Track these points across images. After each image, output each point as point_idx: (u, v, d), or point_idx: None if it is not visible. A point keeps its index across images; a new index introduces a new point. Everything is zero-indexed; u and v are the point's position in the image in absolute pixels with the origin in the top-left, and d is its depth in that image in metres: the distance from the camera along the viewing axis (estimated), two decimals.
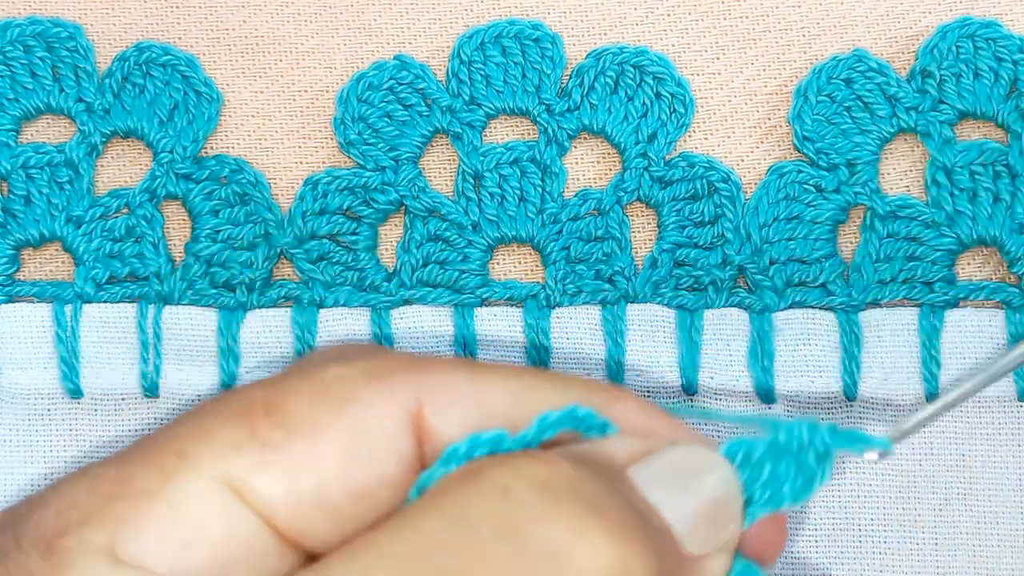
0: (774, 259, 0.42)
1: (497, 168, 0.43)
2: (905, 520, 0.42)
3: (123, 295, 0.42)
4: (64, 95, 0.43)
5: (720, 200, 0.43)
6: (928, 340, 0.42)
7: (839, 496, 0.42)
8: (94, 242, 0.43)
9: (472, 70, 0.43)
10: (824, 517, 0.42)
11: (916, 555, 0.42)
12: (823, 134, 0.43)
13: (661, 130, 0.43)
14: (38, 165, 0.43)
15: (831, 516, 0.42)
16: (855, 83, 0.43)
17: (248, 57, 0.44)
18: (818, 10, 0.44)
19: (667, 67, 0.43)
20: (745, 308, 0.42)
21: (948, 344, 0.42)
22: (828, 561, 0.42)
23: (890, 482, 0.42)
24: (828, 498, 0.42)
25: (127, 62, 0.43)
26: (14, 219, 0.43)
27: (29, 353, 0.42)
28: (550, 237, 0.43)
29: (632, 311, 0.42)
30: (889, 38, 0.44)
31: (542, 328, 0.42)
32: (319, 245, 0.43)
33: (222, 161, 0.43)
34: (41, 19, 0.43)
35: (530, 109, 0.43)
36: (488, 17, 0.44)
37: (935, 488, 0.42)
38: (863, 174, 0.42)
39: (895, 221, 0.42)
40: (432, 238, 0.43)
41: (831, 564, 0.42)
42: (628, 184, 0.43)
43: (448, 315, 0.42)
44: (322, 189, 0.43)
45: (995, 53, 0.43)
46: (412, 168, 0.43)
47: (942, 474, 0.42)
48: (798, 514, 0.42)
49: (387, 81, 0.43)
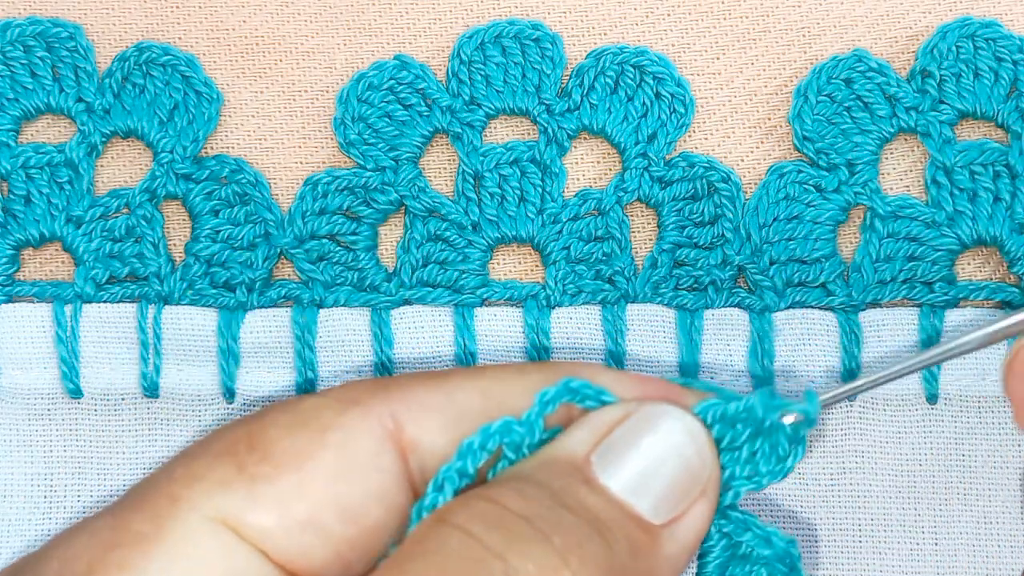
0: (774, 259, 0.42)
1: (497, 168, 0.43)
2: (905, 520, 0.42)
3: (123, 295, 0.42)
4: (64, 95, 0.43)
5: (720, 200, 0.43)
6: (928, 340, 0.42)
7: (839, 496, 0.42)
8: (94, 242, 0.43)
9: (472, 70, 0.43)
10: (824, 517, 0.42)
11: (916, 555, 0.42)
12: (823, 134, 0.43)
13: (661, 130, 0.43)
14: (38, 165, 0.43)
15: (831, 516, 0.42)
16: (855, 83, 0.43)
17: (248, 57, 0.44)
18: (818, 10, 0.44)
19: (667, 67, 0.43)
20: (745, 308, 0.42)
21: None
22: (828, 561, 0.42)
23: (890, 482, 0.42)
24: (828, 498, 0.42)
25: (127, 62, 0.43)
26: (14, 219, 0.43)
27: (29, 353, 0.42)
28: (550, 237, 0.43)
29: (632, 311, 0.42)
30: (889, 38, 0.44)
31: (542, 328, 0.42)
32: (319, 245, 0.43)
33: (222, 161, 0.43)
34: (41, 19, 0.43)
35: (530, 109, 0.43)
36: (488, 17, 0.44)
37: (935, 488, 0.42)
38: (863, 174, 0.42)
39: (895, 221, 0.42)
40: (432, 238, 0.43)
41: (831, 564, 0.42)
42: (628, 184, 0.43)
43: (448, 315, 0.42)
44: (322, 189, 0.43)
45: (995, 53, 0.43)
46: (412, 168, 0.43)
47: (942, 474, 0.42)
48: (799, 514, 0.42)
49: (387, 81, 0.43)
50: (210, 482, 0.35)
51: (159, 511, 0.34)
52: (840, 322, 0.42)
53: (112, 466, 0.42)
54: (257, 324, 0.42)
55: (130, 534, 0.34)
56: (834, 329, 0.42)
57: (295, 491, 0.35)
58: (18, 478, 0.42)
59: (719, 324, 0.42)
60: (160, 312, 0.42)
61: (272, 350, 0.42)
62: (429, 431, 0.36)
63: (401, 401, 0.36)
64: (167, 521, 0.34)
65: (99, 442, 0.42)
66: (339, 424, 0.36)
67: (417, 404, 0.36)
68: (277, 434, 0.36)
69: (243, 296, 0.42)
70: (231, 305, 0.42)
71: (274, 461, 0.35)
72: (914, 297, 0.42)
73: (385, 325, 0.42)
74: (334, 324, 0.42)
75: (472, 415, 0.36)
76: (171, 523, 0.34)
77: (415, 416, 0.36)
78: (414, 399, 0.36)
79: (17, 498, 0.42)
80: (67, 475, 0.42)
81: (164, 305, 0.42)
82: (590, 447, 0.36)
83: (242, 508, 0.34)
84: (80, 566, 0.34)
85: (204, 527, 0.34)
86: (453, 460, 0.35)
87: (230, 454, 0.35)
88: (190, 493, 0.35)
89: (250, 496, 0.34)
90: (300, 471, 0.35)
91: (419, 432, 0.36)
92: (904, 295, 0.42)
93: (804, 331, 0.42)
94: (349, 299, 0.42)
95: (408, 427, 0.36)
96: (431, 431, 0.36)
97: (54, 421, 0.42)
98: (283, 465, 0.35)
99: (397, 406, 0.36)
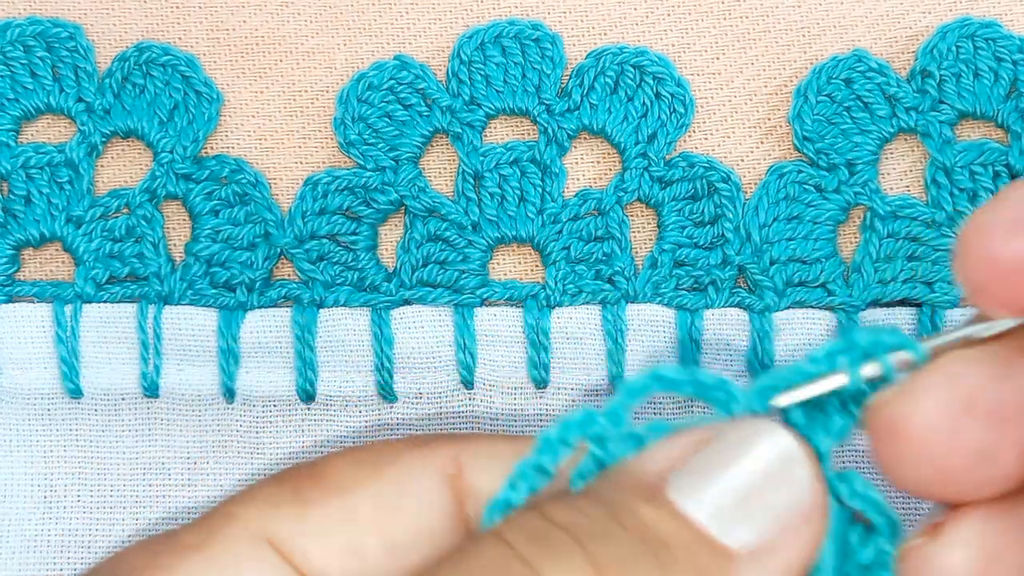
0: (774, 259, 0.42)
1: (497, 168, 0.43)
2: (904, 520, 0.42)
3: (123, 295, 0.42)
4: (64, 95, 0.43)
5: (720, 200, 0.43)
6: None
7: None
8: (94, 242, 0.43)
9: (472, 70, 0.43)
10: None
11: None
12: (823, 134, 0.43)
13: (661, 130, 0.43)
14: (38, 165, 0.43)
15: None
16: (855, 83, 0.43)
17: (248, 57, 0.44)
18: (818, 10, 0.44)
19: (667, 67, 0.43)
20: (745, 308, 0.42)
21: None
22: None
23: None
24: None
25: (127, 62, 0.43)
26: (14, 219, 0.43)
27: (29, 353, 0.42)
28: (550, 237, 0.43)
29: (632, 311, 0.42)
30: (889, 38, 0.44)
31: (542, 328, 0.42)
32: (319, 245, 0.43)
33: (222, 161, 0.43)
34: (41, 19, 0.43)
35: (530, 109, 0.43)
36: (488, 17, 0.44)
37: None
38: (863, 174, 0.43)
39: (895, 221, 0.42)
40: (432, 238, 0.43)
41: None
42: (628, 184, 0.43)
43: (448, 315, 0.42)
44: (322, 189, 0.43)
45: (995, 53, 0.43)
46: (412, 168, 0.43)
47: None
48: None
49: (387, 81, 0.43)
50: (264, 503, 0.35)
51: (212, 526, 0.35)
52: (840, 322, 0.42)
53: (112, 466, 0.42)
54: (257, 324, 0.42)
55: (179, 544, 0.35)
56: (834, 329, 0.42)
57: (341, 517, 0.35)
58: (18, 478, 0.42)
59: (719, 324, 0.42)
60: (160, 312, 0.42)
61: (272, 350, 0.42)
62: (491, 478, 0.35)
63: (467, 447, 0.36)
64: (216, 536, 0.35)
65: (99, 442, 0.42)
66: (399, 460, 0.36)
67: (484, 451, 0.36)
68: (339, 466, 0.36)
69: (243, 296, 0.42)
70: (231, 305, 0.42)
71: (328, 488, 0.35)
72: (914, 297, 0.42)
73: (385, 325, 0.42)
74: (334, 324, 0.42)
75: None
76: (219, 538, 0.35)
77: (478, 462, 0.36)
78: (481, 446, 0.36)
79: (17, 498, 0.42)
80: (67, 475, 0.42)
81: (164, 305, 0.42)
82: (669, 464, 0.33)
83: (290, 530, 0.35)
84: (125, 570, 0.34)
85: (249, 544, 0.35)
86: (530, 455, 0.33)
87: (291, 480, 0.36)
88: (244, 512, 0.35)
89: (299, 519, 0.35)
90: (348, 498, 0.35)
91: (480, 478, 0.36)
92: (904, 295, 0.42)
93: (804, 331, 0.42)
94: (349, 299, 0.42)
95: (469, 471, 0.36)
96: (493, 479, 0.35)
97: (54, 421, 0.42)
98: (334, 490, 0.35)
99: (462, 452, 0.36)
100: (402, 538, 0.35)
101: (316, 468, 0.36)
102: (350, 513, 0.35)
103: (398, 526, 0.35)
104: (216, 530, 0.35)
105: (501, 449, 0.36)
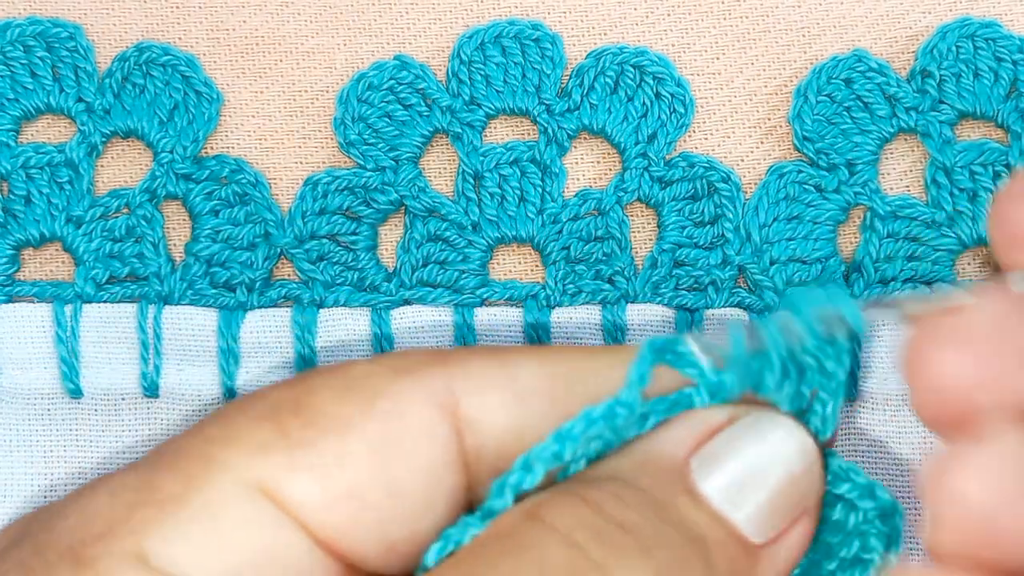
0: (774, 259, 0.42)
1: (497, 168, 0.43)
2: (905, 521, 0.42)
3: (123, 295, 0.42)
4: (64, 95, 0.43)
5: (720, 200, 0.43)
6: None
7: None
8: (94, 242, 0.43)
9: (472, 70, 0.43)
10: None
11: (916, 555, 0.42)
12: (823, 134, 0.43)
13: (661, 130, 0.43)
14: (38, 165, 0.43)
15: None
16: (855, 83, 0.43)
17: (248, 57, 0.44)
18: (818, 10, 0.44)
19: (667, 67, 0.43)
20: (745, 308, 0.42)
21: None
22: None
23: (890, 482, 0.42)
24: None
25: (127, 62, 0.43)
26: (14, 219, 0.43)
27: (29, 353, 0.42)
28: (550, 237, 0.43)
29: (632, 311, 0.42)
30: (889, 38, 0.44)
31: (542, 328, 0.42)
32: (319, 245, 0.43)
33: (222, 161, 0.43)
34: (41, 19, 0.43)
35: (530, 109, 0.43)
36: (488, 17, 0.44)
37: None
38: (863, 174, 0.43)
39: (895, 221, 0.42)
40: (432, 238, 0.43)
41: None
42: (628, 184, 0.43)
43: (448, 315, 0.42)
44: (322, 189, 0.43)
45: (995, 53, 0.43)
46: (412, 168, 0.43)
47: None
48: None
49: (387, 81, 0.43)
50: (249, 445, 0.32)
51: (191, 472, 0.32)
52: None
53: (112, 466, 0.42)
54: (257, 324, 0.42)
55: (159, 494, 0.32)
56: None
57: (338, 459, 0.32)
58: (18, 478, 0.42)
59: (719, 324, 0.42)
60: (160, 312, 0.42)
61: (272, 350, 0.42)
62: (489, 409, 0.33)
63: (460, 374, 0.34)
64: (199, 483, 0.32)
65: (99, 442, 0.42)
66: (390, 392, 0.33)
67: (477, 379, 0.34)
68: (324, 399, 0.33)
69: (243, 296, 0.42)
70: (231, 305, 0.42)
71: (318, 427, 0.32)
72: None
73: (385, 325, 0.42)
74: (334, 324, 0.42)
75: (537, 396, 0.34)
76: (203, 486, 0.32)
77: (474, 391, 0.33)
78: (474, 373, 0.34)
79: (17, 498, 0.42)
80: (67, 475, 0.42)
81: (164, 305, 0.42)
82: (690, 449, 0.33)
83: (282, 475, 0.32)
84: (99, 525, 0.32)
85: (239, 493, 0.32)
86: (549, 442, 0.32)
87: (272, 417, 0.33)
88: (227, 455, 0.32)
89: (291, 463, 0.32)
90: (345, 438, 0.32)
91: (478, 409, 0.33)
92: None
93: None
94: (349, 299, 0.42)
95: (466, 402, 0.33)
96: (492, 409, 0.33)
97: (54, 421, 0.42)
98: (326, 431, 0.32)
99: (455, 379, 0.34)
100: (403, 477, 0.33)
101: (300, 402, 0.33)
102: (346, 457, 0.32)
103: (398, 465, 0.33)
104: (198, 477, 0.32)
105: (496, 375, 0.34)
